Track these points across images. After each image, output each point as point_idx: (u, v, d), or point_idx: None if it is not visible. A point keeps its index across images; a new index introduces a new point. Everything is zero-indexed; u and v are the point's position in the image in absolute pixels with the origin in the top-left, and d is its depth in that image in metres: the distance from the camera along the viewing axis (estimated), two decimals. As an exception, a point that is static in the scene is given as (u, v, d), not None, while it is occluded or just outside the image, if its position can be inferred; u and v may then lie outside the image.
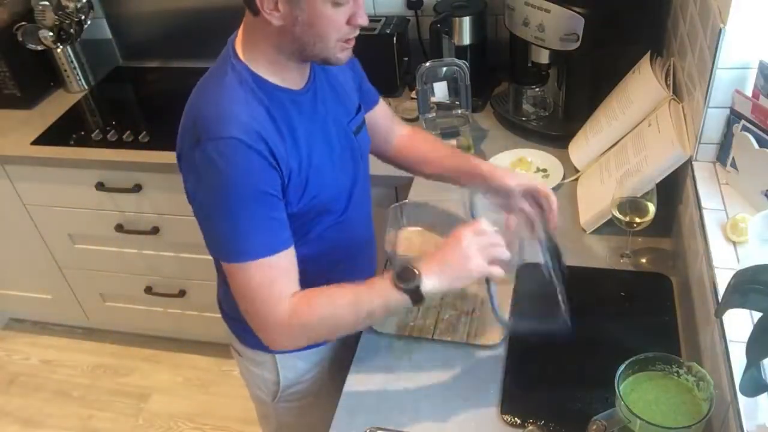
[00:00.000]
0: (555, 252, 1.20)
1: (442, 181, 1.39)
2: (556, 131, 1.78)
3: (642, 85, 1.56)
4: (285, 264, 1.08)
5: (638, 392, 1.00)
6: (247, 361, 1.38)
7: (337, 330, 1.13)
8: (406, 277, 1.05)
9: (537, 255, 1.21)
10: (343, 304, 1.08)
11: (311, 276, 1.12)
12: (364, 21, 1.04)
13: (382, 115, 1.41)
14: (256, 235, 1.05)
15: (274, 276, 1.07)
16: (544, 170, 1.69)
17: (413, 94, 1.94)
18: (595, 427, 0.98)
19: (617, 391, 0.98)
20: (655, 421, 0.94)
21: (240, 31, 1.10)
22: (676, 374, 1.01)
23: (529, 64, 1.80)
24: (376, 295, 1.07)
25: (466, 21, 1.86)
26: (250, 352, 1.35)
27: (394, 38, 1.97)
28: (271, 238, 1.06)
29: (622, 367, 1.00)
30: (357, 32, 1.07)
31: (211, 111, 1.04)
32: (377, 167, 1.78)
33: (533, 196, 1.25)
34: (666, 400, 0.99)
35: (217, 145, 1.01)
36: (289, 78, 1.11)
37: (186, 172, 1.08)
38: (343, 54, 1.08)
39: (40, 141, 2.09)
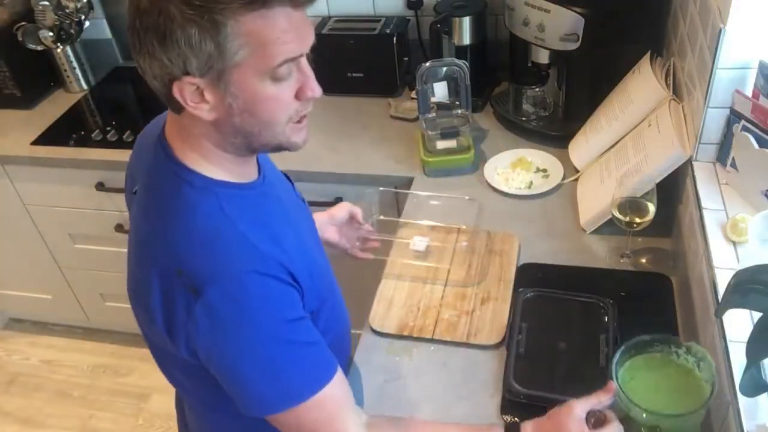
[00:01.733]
0: None
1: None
2: (556, 131, 1.78)
3: (642, 85, 1.56)
4: (341, 388, 0.94)
5: (637, 380, 0.98)
6: None
7: None
8: None
9: None
10: None
11: None
12: (315, 92, 0.87)
13: None
14: (300, 371, 0.89)
15: (333, 410, 0.93)
16: (544, 170, 1.69)
17: (413, 94, 1.94)
18: (594, 419, 0.96)
19: (615, 379, 0.96)
20: (656, 408, 0.92)
21: (168, 129, 0.91)
22: (675, 355, 0.99)
23: (529, 64, 1.80)
24: None
25: (466, 21, 1.86)
26: None
27: (394, 38, 1.97)
28: (317, 367, 0.91)
29: (618, 354, 0.98)
30: (310, 107, 0.90)
31: (199, 250, 0.85)
32: (376, 167, 1.79)
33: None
34: (666, 385, 0.97)
35: (226, 286, 0.84)
36: (246, 172, 0.94)
37: (183, 335, 0.87)
38: (298, 136, 0.90)
39: (40, 141, 2.09)
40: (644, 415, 0.93)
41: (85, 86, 2.35)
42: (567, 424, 0.96)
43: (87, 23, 2.29)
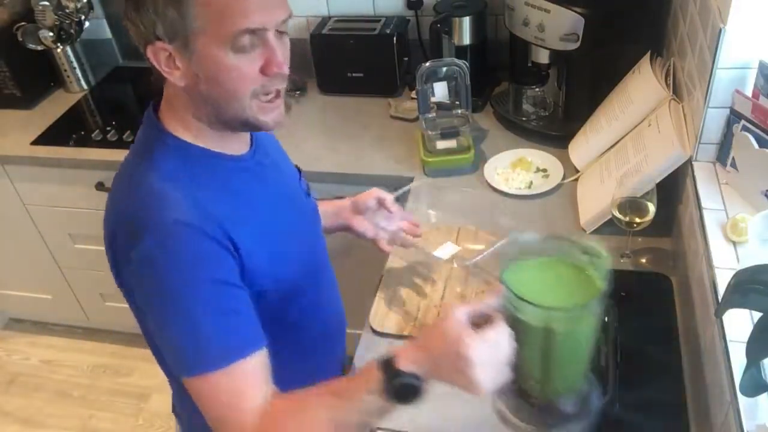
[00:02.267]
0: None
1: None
2: (556, 131, 1.78)
3: (642, 85, 1.56)
4: (254, 369, 0.89)
5: (527, 281, 0.87)
6: None
7: None
8: (405, 392, 0.88)
9: None
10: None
11: (286, 363, 0.95)
12: (281, 68, 0.87)
13: None
14: (218, 336, 0.87)
15: (242, 386, 0.88)
16: (544, 170, 1.69)
17: (413, 94, 1.94)
18: (481, 320, 0.85)
19: (501, 279, 0.86)
20: (547, 304, 0.82)
21: (162, 102, 0.97)
22: (566, 255, 0.90)
23: (529, 64, 1.80)
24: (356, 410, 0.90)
25: (466, 21, 1.86)
26: None
27: (394, 38, 1.97)
28: (237, 337, 0.89)
29: (507, 261, 0.89)
30: (280, 84, 0.91)
31: (147, 199, 0.88)
32: (376, 167, 1.79)
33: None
34: (559, 285, 0.89)
35: (160, 235, 0.85)
36: (228, 145, 0.97)
37: (128, 283, 0.90)
38: (268, 117, 0.91)
39: (40, 141, 2.09)
40: (533, 311, 0.83)
41: (85, 86, 2.36)
42: (446, 327, 0.83)
43: (87, 23, 2.29)
